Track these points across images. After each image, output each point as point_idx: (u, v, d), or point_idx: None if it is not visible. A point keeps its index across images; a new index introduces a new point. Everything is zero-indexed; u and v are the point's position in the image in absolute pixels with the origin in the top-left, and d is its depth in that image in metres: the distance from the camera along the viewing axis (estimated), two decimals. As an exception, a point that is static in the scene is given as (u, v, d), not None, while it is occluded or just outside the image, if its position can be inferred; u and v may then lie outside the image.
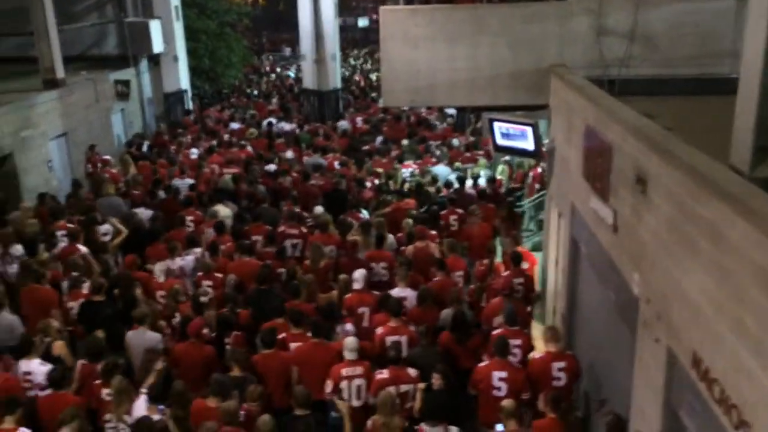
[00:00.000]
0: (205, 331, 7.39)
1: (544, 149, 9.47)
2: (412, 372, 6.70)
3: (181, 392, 6.19)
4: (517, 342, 7.27)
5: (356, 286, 8.20)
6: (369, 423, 6.16)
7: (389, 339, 7.23)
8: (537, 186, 13.41)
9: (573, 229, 8.00)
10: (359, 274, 8.26)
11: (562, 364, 6.77)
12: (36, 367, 6.79)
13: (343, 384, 6.70)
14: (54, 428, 5.82)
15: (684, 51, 8.61)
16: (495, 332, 7.35)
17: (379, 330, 7.45)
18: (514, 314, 7.46)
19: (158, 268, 8.98)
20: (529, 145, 9.31)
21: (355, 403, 6.70)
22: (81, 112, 15.81)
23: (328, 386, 6.72)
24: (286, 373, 6.94)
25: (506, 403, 6.16)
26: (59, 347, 7.24)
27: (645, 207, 5.00)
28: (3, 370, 6.82)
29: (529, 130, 9.14)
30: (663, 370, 4.69)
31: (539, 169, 13.93)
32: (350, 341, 6.86)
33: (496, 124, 9.60)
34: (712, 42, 8.61)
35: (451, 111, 20.01)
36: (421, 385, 6.68)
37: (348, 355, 6.77)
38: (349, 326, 7.72)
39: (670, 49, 8.63)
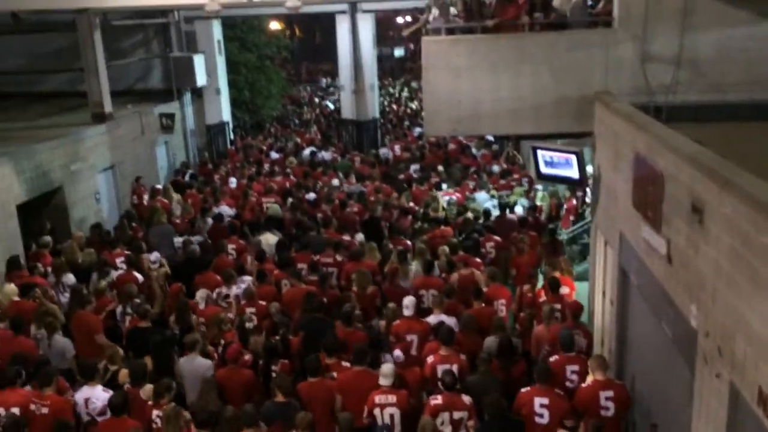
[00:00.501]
0: (247, 357, 7.50)
1: (588, 177, 9.38)
2: (467, 399, 6.68)
3: (232, 418, 6.22)
4: (575, 368, 7.24)
5: (406, 312, 8.20)
6: None
7: (440, 368, 7.22)
8: (571, 218, 13.28)
9: (622, 258, 7.83)
10: (409, 301, 8.26)
11: (610, 393, 6.72)
12: (99, 394, 6.88)
13: (376, 411, 6.71)
14: None
15: (732, 76, 8.43)
16: (552, 359, 7.33)
17: (430, 359, 7.44)
18: (571, 339, 7.42)
19: (199, 296, 9.12)
20: (573, 173, 9.22)
21: None
22: (127, 144, 16.20)
23: (365, 412, 6.72)
24: (330, 401, 6.94)
25: None
26: (124, 375, 7.31)
27: (702, 237, 4.87)
28: (56, 393, 6.90)
29: (573, 158, 9.06)
30: (725, 407, 4.52)
31: (573, 201, 13.85)
32: (386, 368, 6.90)
33: (539, 152, 9.54)
34: (761, 66, 8.43)
35: (491, 138, 20.01)
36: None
37: (382, 381, 6.80)
38: (398, 352, 7.75)
39: (718, 74, 8.46)
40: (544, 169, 9.61)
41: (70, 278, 9.92)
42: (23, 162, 12.19)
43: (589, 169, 9.67)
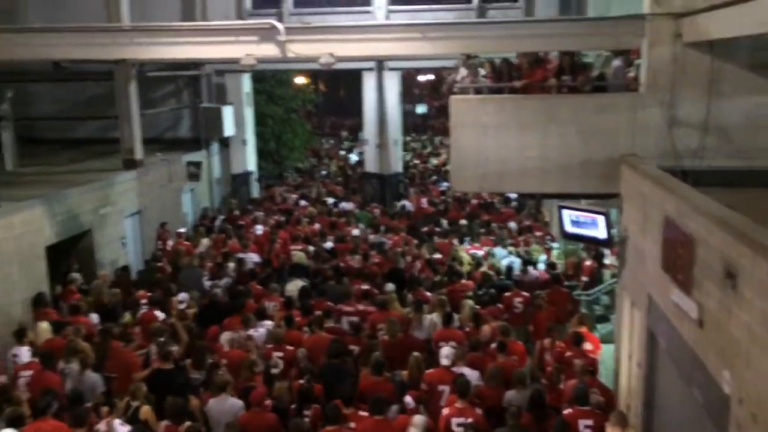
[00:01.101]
0: (268, 402, 7.58)
1: (615, 238, 9.39)
2: None
3: None
4: (588, 422, 7.24)
5: (444, 362, 8.17)
6: None
7: (455, 421, 7.24)
8: (584, 278, 13.24)
9: (650, 321, 7.77)
10: (448, 351, 8.27)
11: (589, 422, 7.01)
12: (117, 428, 7.08)
13: None
14: None
15: (761, 142, 8.52)
16: (566, 412, 7.35)
17: (446, 411, 7.46)
18: (585, 393, 7.43)
19: (224, 338, 9.21)
20: (600, 233, 9.26)
21: None
22: (155, 191, 16.49)
23: None
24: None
25: None
26: (146, 412, 7.50)
27: (735, 301, 4.86)
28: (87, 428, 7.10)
29: (600, 218, 9.11)
30: (761, 476, 4.44)
31: (588, 262, 13.85)
32: (418, 420, 6.94)
33: (565, 212, 9.62)
34: (789, 133, 8.52)
35: (513, 195, 20.20)
36: None
37: None
38: (408, 399, 7.79)
39: (746, 140, 8.55)
40: (570, 228, 9.67)
41: (93, 317, 10.18)
42: (55, 205, 12.44)
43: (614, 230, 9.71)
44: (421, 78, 45.86)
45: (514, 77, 9.81)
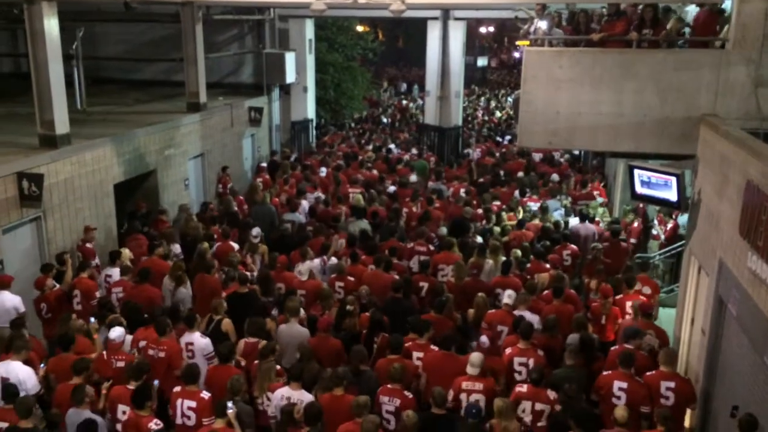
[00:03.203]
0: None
1: (688, 200, 9.10)
2: (552, 394, 6.95)
3: (330, 378, 6.84)
4: (671, 384, 7.32)
5: (506, 301, 8.62)
6: (487, 426, 6.50)
7: (517, 360, 7.62)
8: (632, 240, 12.97)
9: (720, 286, 7.55)
10: (513, 293, 8.71)
11: (671, 384, 7.16)
12: (197, 339, 7.90)
13: (462, 396, 6.97)
14: (220, 395, 6.70)
15: None
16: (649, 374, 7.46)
17: (508, 350, 7.77)
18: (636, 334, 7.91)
19: (305, 268, 9.72)
20: (671, 195, 8.98)
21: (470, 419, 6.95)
22: (217, 134, 16.70)
23: (449, 396, 6.97)
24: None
25: (618, 410, 6.46)
26: (227, 324, 8.34)
27: (824, 271, 4.66)
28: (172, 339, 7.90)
29: (673, 180, 8.81)
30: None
31: (635, 224, 13.55)
32: (475, 357, 7.17)
33: (636, 171, 9.33)
34: None
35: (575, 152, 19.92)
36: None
37: (470, 370, 7.09)
38: (483, 338, 8.20)
39: (839, 104, 8.09)
40: (640, 189, 9.39)
41: (176, 248, 11.20)
42: (123, 145, 12.74)
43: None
44: (483, 30, 44.91)
45: (591, 30, 9.43)
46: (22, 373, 6.97)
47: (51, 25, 10.65)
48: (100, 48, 19.61)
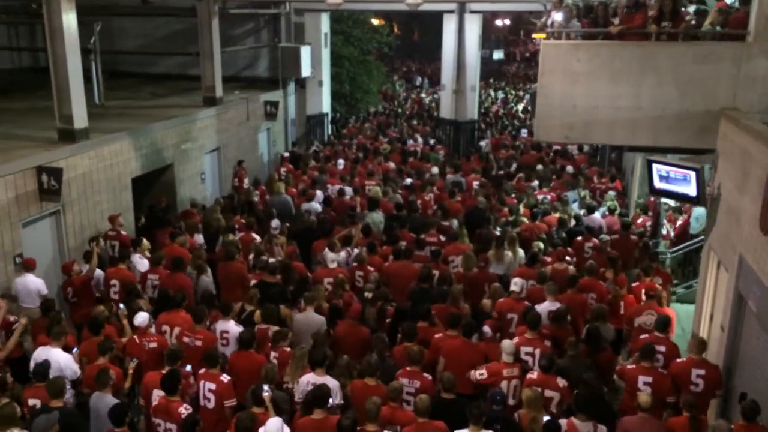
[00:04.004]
0: None
1: (707, 195, 9.00)
2: (561, 382, 7.07)
3: (347, 365, 7.20)
4: (662, 348, 7.75)
5: (515, 288, 8.80)
6: (516, 416, 6.62)
7: (523, 349, 7.72)
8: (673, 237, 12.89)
9: (740, 283, 7.48)
10: (520, 281, 8.91)
11: (701, 372, 7.26)
12: (232, 327, 8.12)
13: (503, 383, 7.21)
14: (241, 380, 6.96)
15: None
16: (642, 337, 7.85)
17: (515, 339, 7.80)
18: (667, 321, 8.01)
19: (331, 257, 9.98)
20: (690, 190, 8.88)
21: (511, 401, 7.19)
22: (233, 128, 16.76)
23: (485, 379, 7.26)
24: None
25: (642, 396, 6.60)
26: (259, 316, 8.47)
27: None
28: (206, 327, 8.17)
29: (692, 174, 8.72)
30: None
31: (640, 220, 13.44)
32: (508, 344, 7.41)
33: (654, 166, 9.23)
34: None
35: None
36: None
37: (506, 358, 7.35)
38: (486, 328, 8.43)
39: None
40: (658, 184, 9.30)
41: (199, 238, 11.51)
42: (141, 139, 12.81)
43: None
44: (498, 23, 44.62)
45: (610, 22, 9.34)
46: (63, 360, 7.26)
47: (69, 19, 10.71)
48: (118, 42, 19.72)
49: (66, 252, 10.67)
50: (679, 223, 13.03)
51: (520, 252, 10.82)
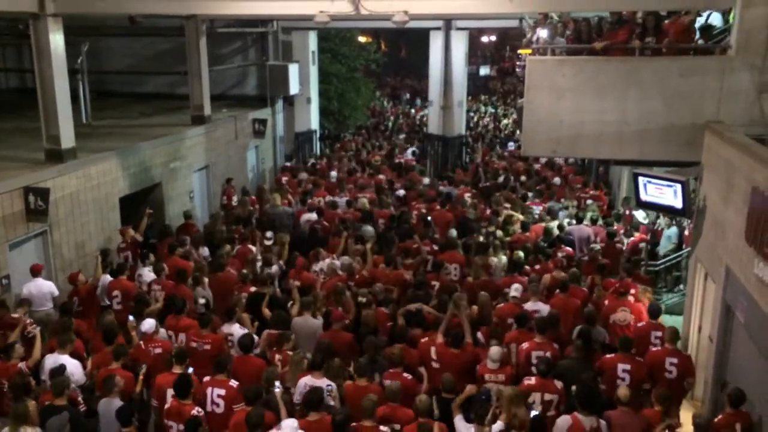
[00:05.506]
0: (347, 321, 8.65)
1: (693, 207, 9.08)
2: (558, 384, 7.14)
3: (339, 367, 7.27)
4: (658, 333, 8.20)
5: (513, 293, 8.97)
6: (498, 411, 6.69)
7: (534, 354, 7.78)
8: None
9: (727, 294, 7.54)
10: (518, 286, 9.07)
11: (675, 360, 7.64)
12: (236, 331, 8.30)
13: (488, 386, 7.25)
14: (244, 383, 6.98)
15: None
16: (654, 350, 7.94)
17: (525, 345, 7.91)
18: (658, 309, 8.62)
19: (323, 266, 10.42)
20: (677, 202, 8.95)
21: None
22: (222, 147, 16.76)
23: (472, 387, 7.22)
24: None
25: (621, 390, 6.78)
26: (244, 319, 8.75)
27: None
28: (212, 331, 8.32)
29: (678, 187, 8.79)
30: None
31: (633, 238, 13.52)
32: (494, 351, 7.46)
33: (641, 179, 9.31)
34: None
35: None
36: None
37: (491, 365, 7.43)
38: (479, 335, 8.45)
39: (844, 110, 8.09)
40: (645, 197, 9.37)
41: (205, 251, 11.73)
42: (129, 158, 12.79)
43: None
44: (484, 39, 45.00)
45: (594, 38, 9.45)
46: (69, 366, 7.35)
47: (56, 40, 10.73)
48: (105, 62, 19.73)
49: (53, 272, 10.59)
50: (632, 238, 13.08)
51: (503, 258, 11.25)
